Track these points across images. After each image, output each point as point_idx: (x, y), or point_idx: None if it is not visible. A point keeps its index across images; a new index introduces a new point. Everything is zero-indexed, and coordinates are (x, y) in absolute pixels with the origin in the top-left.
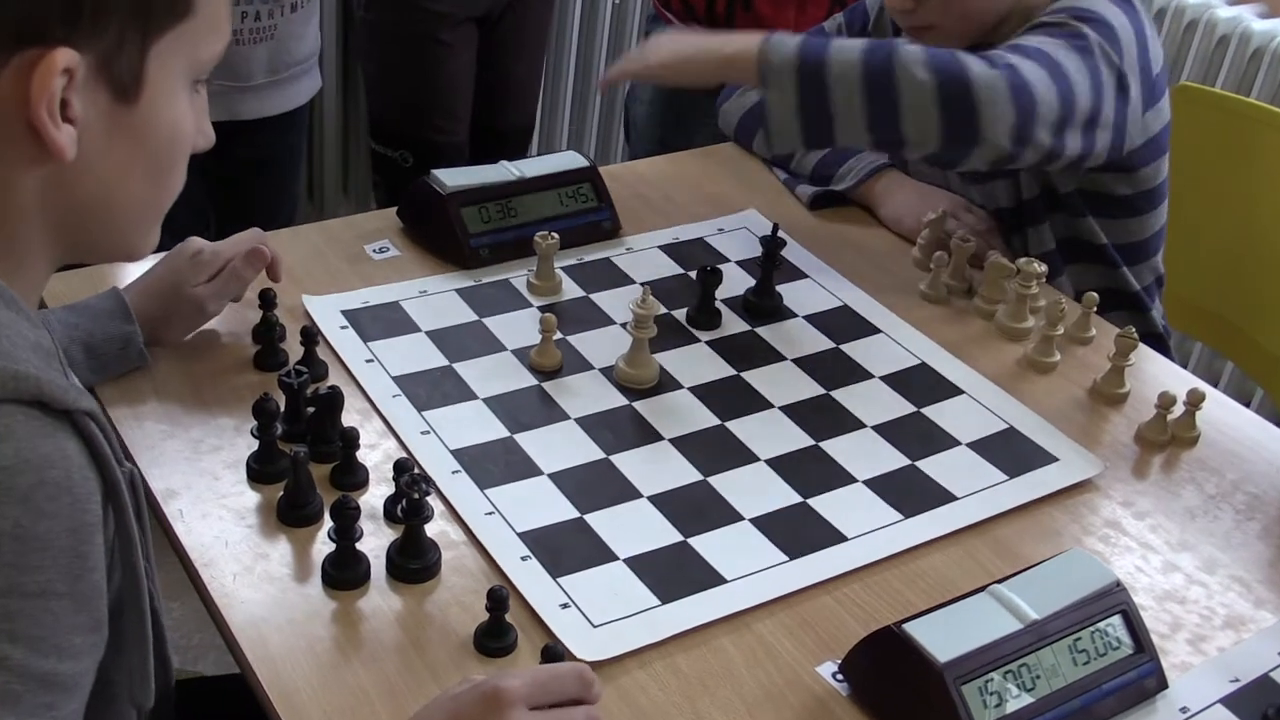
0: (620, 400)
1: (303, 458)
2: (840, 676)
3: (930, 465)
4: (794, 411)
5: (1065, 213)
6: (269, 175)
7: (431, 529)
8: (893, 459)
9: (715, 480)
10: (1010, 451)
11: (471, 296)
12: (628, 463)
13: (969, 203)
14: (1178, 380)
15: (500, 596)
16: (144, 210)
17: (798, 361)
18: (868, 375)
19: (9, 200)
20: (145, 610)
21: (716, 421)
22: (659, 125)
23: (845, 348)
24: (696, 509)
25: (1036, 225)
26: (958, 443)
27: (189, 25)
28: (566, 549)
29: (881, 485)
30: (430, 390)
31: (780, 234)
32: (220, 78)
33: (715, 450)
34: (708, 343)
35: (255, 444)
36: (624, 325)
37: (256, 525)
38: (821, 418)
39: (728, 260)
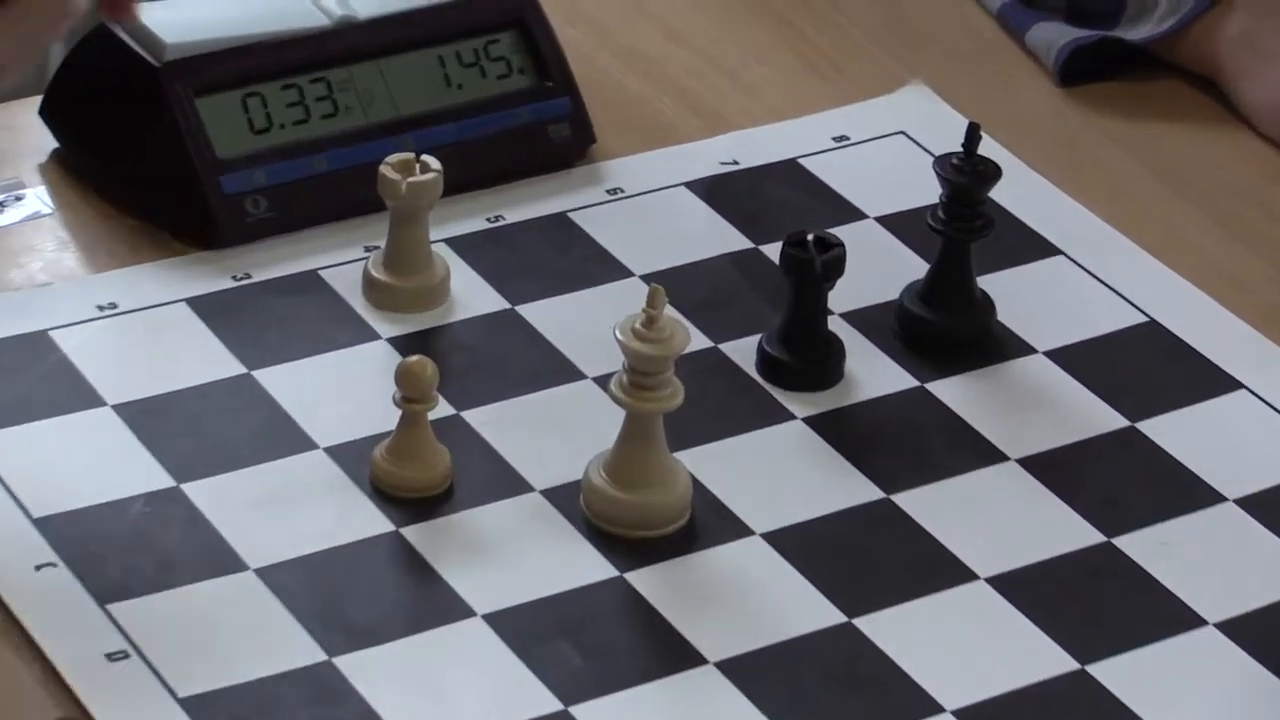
0: (600, 567)
1: None
2: None
3: None
4: (1028, 591)
5: None
6: None
7: None
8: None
9: None
10: None
11: (227, 315)
12: None
13: None
14: None
15: None
16: None
17: (1035, 465)
18: (1213, 497)
19: None
20: None
21: (838, 618)
22: None
23: (1148, 427)
24: None
25: None
26: None
27: None
28: None
29: None
30: (131, 552)
31: (983, 147)
32: None
33: (837, 692)
34: (808, 420)
35: None
36: (603, 382)
37: None
38: (1095, 604)
39: (860, 216)
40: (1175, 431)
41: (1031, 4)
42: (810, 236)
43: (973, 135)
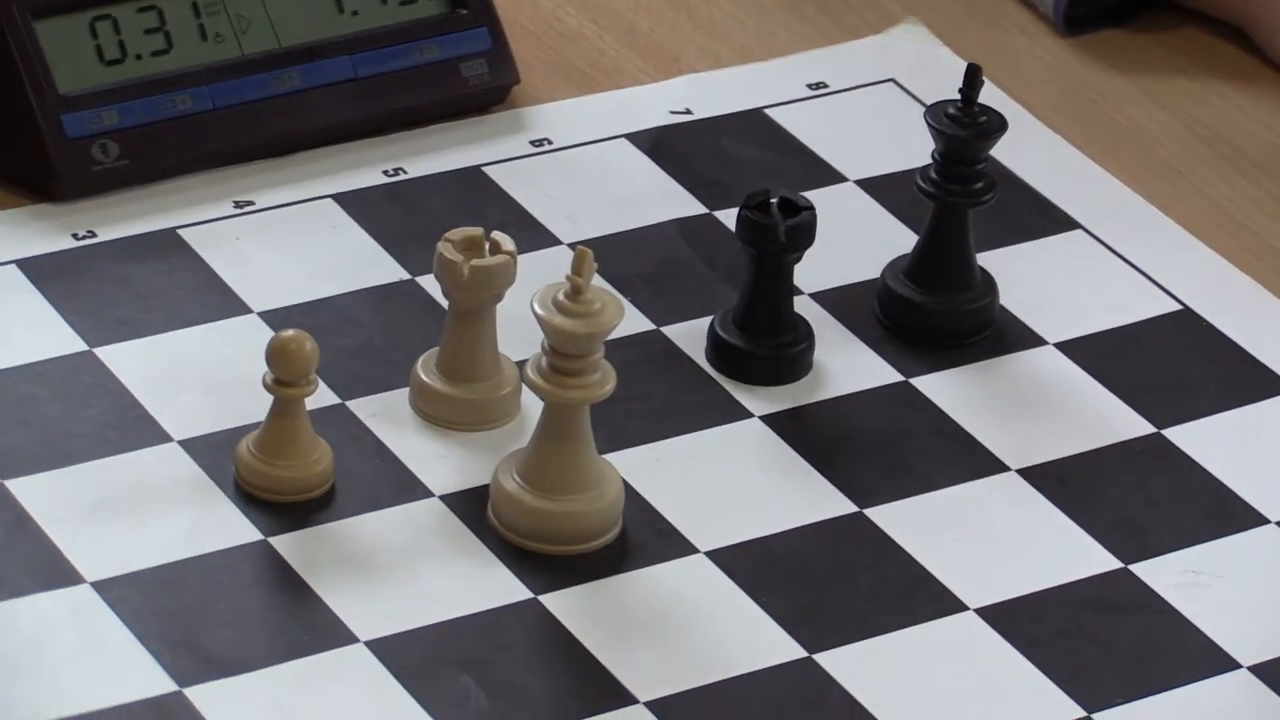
0: (511, 588)
1: None
2: None
3: None
4: (1027, 627)
5: None
6: None
7: None
8: None
9: None
10: None
11: (67, 280)
12: None
13: None
14: None
15: None
16: None
17: (1041, 478)
18: (1253, 519)
19: None
20: None
21: (796, 652)
22: None
23: (1178, 435)
24: None
25: None
26: None
27: None
28: None
29: None
30: None
31: (984, 95)
32: None
33: None
34: (767, 418)
35: None
36: (520, 367)
37: None
38: (1108, 643)
39: (838, 178)
40: (1211, 441)
41: None
42: (774, 198)
43: (973, 79)
